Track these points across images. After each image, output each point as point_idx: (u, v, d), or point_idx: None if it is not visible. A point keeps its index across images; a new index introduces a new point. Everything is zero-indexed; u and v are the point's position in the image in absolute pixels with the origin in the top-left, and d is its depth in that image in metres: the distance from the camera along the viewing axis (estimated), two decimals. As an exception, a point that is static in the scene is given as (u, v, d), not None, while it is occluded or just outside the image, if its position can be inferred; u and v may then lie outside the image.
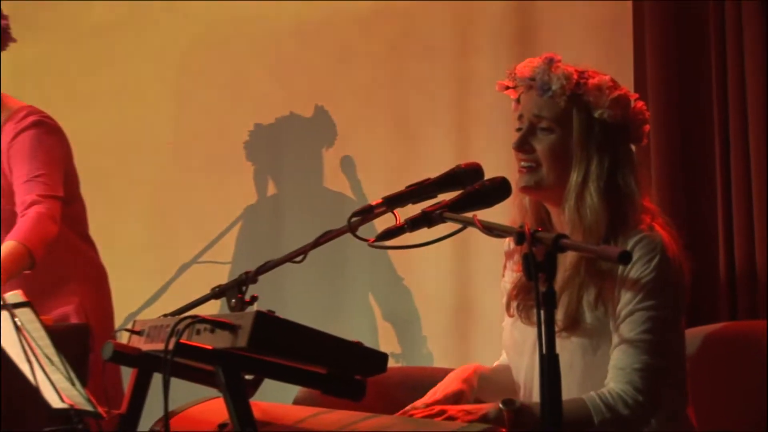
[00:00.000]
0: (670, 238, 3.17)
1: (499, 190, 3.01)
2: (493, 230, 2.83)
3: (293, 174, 5.81)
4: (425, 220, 2.94)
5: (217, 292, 3.13)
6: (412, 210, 3.00)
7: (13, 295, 3.23)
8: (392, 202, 3.02)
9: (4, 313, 3.24)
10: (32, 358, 3.24)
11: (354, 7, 5.59)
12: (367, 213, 3.02)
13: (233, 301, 3.07)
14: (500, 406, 3.02)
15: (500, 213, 3.07)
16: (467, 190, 3.00)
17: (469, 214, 2.92)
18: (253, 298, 3.06)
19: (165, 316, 2.98)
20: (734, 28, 4.34)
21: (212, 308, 3.12)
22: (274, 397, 3.20)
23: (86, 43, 5.93)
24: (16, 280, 4.05)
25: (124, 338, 3.08)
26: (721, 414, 3.57)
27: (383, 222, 3.02)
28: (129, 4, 5.94)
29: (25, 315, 3.21)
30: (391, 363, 2.89)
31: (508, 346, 3.39)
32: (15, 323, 3.22)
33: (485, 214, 2.91)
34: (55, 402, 3.30)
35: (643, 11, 4.58)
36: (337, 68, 5.67)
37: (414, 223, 2.94)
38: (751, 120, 4.26)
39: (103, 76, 5.92)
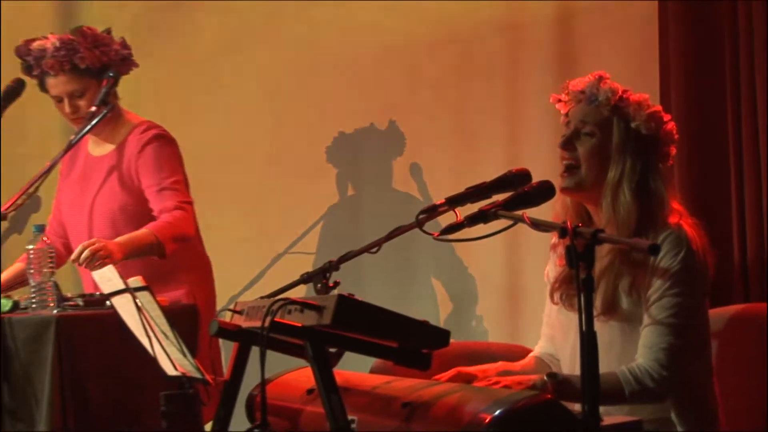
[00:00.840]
0: (695, 235, 3.15)
1: (545, 192, 3.00)
2: (540, 226, 2.83)
3: (370, 178, 5.81)
4: (482, 217, 2.94)
5: (305, 278, 3.12)
6: (471, 208, 2.99)
7: (135, 281, 3.26)
8: (453, 201, 3.01)
9: (127, 295, 3.26)
10: (150, 333, 3.26)
11: (420, 36, 5.58)
12: (432, 211, 3.02)
13: (319, 285, 3.06)
14: (545, 378, 3.02)
15: (545, 211, 3.05)
16: (518, 192, 2.99)
17: (519, 212, 2.91)
18: (336, 283, 3.04)
19: (261, 298, 2.99)
20: (746, 30, 4.32)
21: (301, 292, 3.12)
22: (354, 367, 3.20)
23: (196, 68, 5.95)
24: (137, 267, 4.06)
25: (227, 317, 3.09)
26: (738, 384, 3.53)
27: (446, 219, 3.01)
28: (232, 34, 5.98)
29: (145, 297, 3.24)
30: (452, 338, 2.88)
31: (556, 328, 3.38)
32: (136, 304, 3.24)
33: (532, 212, 2.90)
34: (170, 370, 3.33)
35: (669, 45, 4.58)
36: (407, 88, 5.66)
37: (472, 220, 2.94)
38: (761, 120, 4.24)
39: (210, 96, 5.94)
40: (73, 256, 4.01)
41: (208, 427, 3.49)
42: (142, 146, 4.33)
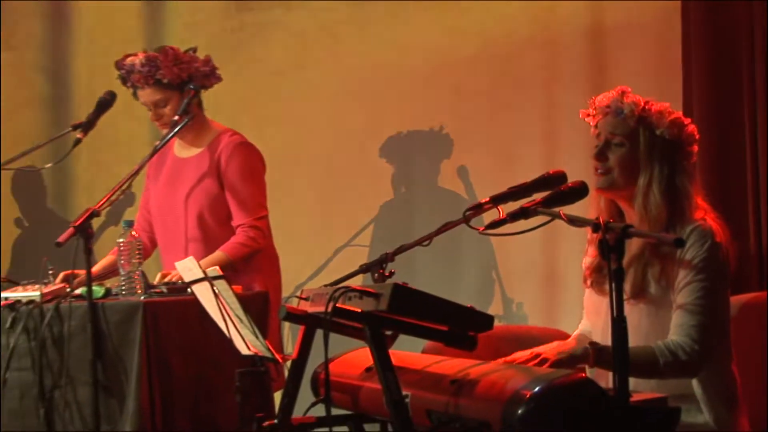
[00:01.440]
0: (719, 228, 3.12)
1: (579, 191, 2.97)
2: (575, 221, 2.82)
3: (421, 178, 5.81)
4: (523, 213, 2.92)
5: (363, 268, 3.13)
6: (512, 206, 2.98)
7: (212, 270, 3.27)
8: (497, 200, 3.00)
9: (206, 283, 3.28)
10: (226, 317, 3.27)
11: (468, 52, 5.60)
12: (478, 208, 3.01)
13: (376, 275, 3.06)
14: (587, 346, 3.02)
15: (580, 208, 3.03)
16: (555, 191, 2.97)
17: (557, 209, 2.90)
18: (391, 273, 3.04)
19: (325, 286, 2.99)
20: (761, 36, 4.32)
21: (359, 280, 3.13)
22: (407, 348, 3.19)
23: (266, 82, 5.98)
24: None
25: (294, 303, 3.09)
26: (751, 367, 3.49)
27: (490, 215, 3.00)
28: (297, 53, 6.02)
29: (221, 285, 3.25)
30: (496, 322, 2.87)
31: (590, 310, 3.36)
32: (214, 291, 3.25)
33: (568, 209, 2.90)
34: (243, 350, 3.34)
35: (691, 54, 4.57)
36: (455, 98, 5.67)
37: (514, 216, 2.93)
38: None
39: (278, 106, 5.97)
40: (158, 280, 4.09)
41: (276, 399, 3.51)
42: (232, 152, 4.37)
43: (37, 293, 3.93)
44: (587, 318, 3.40)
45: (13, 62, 6.75)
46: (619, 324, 2.54)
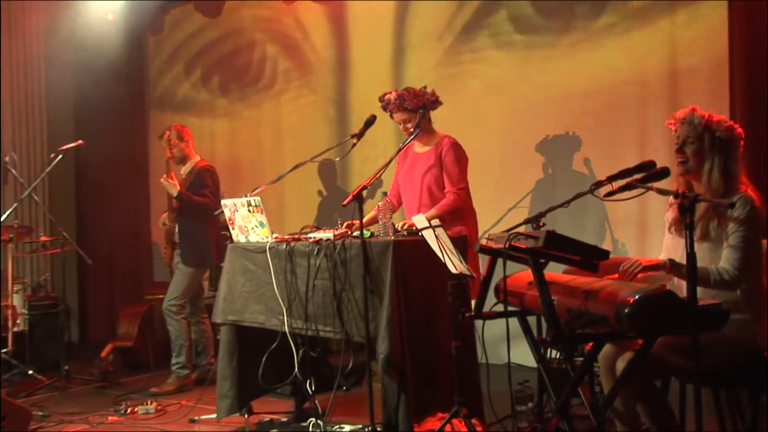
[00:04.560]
0: (757, 197, 2.99)
1: (664, 173, 2.88)
2: (662, 192, 2.78)
3: (561, 164, 5.69)
4: (628, 187, 2.86)
5: (525, 221, 3.09)
6: (620, 183, 2.90)
7: (434, 221, 3.30)
8: (611, 178, 2.92)
9: (431, 229, 3.31)
10: (442, 250, 3.30)
11: (588, 85, 5.46)
12: (599, 183, 2.94)
13: (534, 225, 3.03)
14: (666, 260, 2.94)
15: (664, 183, 2.92)
16: (648, 173, 2.88)
17: (649, 184, 2.83)
18: (544, 224, 3.01)
19: (504, 232, 2.98)
20: None
21: (523, 228, 3.09)
22: (554, 270, 3.15)
23: (466, 107, 5.97)
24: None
25: (484, 242, 3.10)
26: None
27: (606, 188, 2.93)
28: (486, 88, 5.98)
29: (439, 230, 3.28)
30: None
31: (670, 249, 3.23)
32: (435, 233, 3.28)
33: (656, 184, 2.84)
34: (452, 270, 3.37)
35: (735, 87, 4.45)
36: (581, 116, 5.54)
37: (622, 189, 2.86)
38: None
39: (471, 121, 5.94)
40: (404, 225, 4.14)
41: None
42: (448, 149, 4.38)
43: (331, 234, 4.05)
44: (666, 254, 3.27)
45: (317, 100, 7.00)
46: (691, 257, 2.50)
